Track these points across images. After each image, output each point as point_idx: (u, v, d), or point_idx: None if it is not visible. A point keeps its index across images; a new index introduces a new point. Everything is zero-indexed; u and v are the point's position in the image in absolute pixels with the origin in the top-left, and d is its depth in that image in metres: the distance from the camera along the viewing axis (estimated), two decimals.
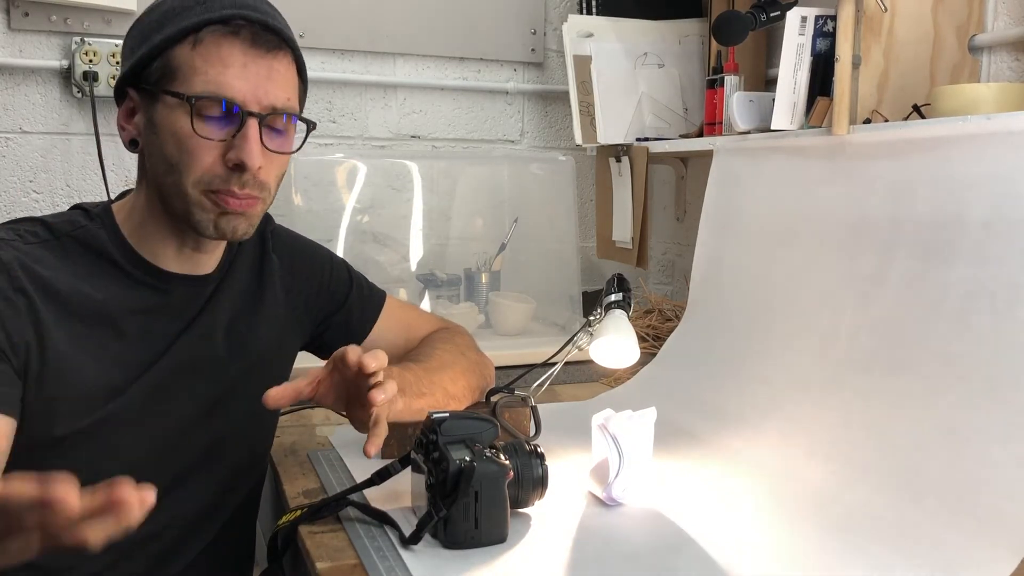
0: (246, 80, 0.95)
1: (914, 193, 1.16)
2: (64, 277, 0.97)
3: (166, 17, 0.97)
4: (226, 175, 0.96)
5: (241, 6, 0.97)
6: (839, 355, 1.20)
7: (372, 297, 1.28)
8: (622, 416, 1.03)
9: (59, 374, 0.94)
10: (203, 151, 0.96)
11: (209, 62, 0.94)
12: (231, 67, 0.95)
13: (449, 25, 1.96)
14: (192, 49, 0.95)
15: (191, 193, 0.97)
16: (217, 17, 0.95)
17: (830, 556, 0.92)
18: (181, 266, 1.05)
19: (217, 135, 0.95)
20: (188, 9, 0.96)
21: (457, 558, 0.89)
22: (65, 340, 0.95)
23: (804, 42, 1.35)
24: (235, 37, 0.95)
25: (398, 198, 1.84)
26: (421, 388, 1.11)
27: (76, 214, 1.04)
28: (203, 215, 0.98)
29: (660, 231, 2.14)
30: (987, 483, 0.94)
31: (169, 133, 0.96)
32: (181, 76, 0.95)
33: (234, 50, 0.95)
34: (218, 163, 0.96)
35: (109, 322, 0.99)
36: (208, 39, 0.95)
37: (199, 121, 0.95)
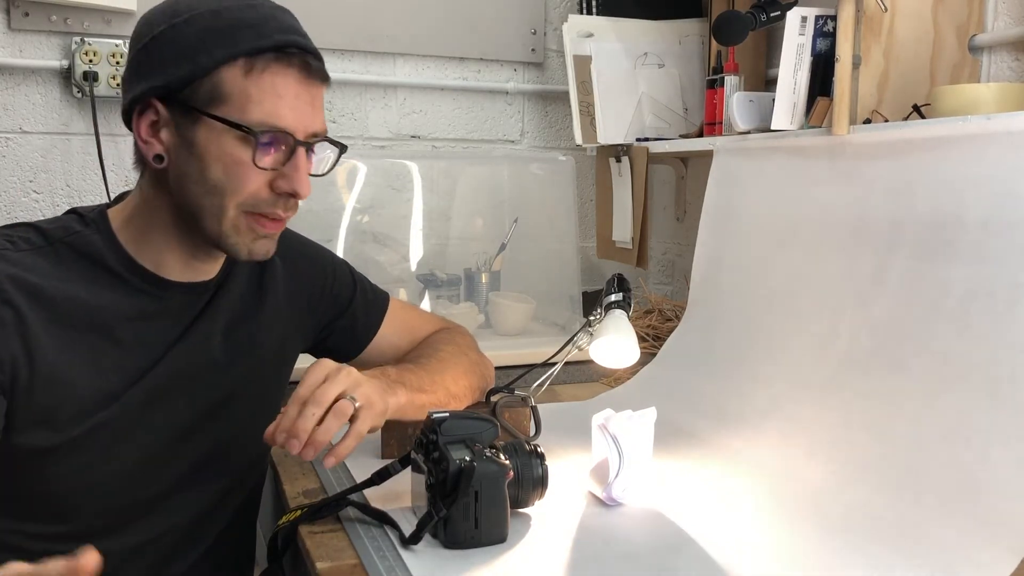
0: (297, 110, 0.96)
1: (914, 193, 1.16)
2: (57, 284, 0.95)
3: (210, 36, 0.94)
4: (272, 200, 0.98)
5: (289, 31, 0.97)
6: (839, 355, 1.20)
7: (376, 300, 1.28)
8: (622, 416, 1.03)
9: (50, 383, 0.93)
10: (254, 179, 0.96)
11: (264, 91, 0.94)
12: (284, 97, 0.95)
13: (449, 25, 1.96)
14: (245, 76, 0.94)
15: (231, 215, 0.97)
16: (271, 45, 0.94)
17: (830, 556, 0.92)
18: (183, 275, 1.04)
19: (271, 164, 0.96)
20: (236, 31, 0.94)
21: (457, 558, 0.89)
22: (56, 348, 0.93)
23: (804, 42, 1.35)
24: (289, 67, 0.95)
25: (398, 198, 1.84)
26: (423, 385, 1.11)
27: (70, 219, 1.02)
28: (238, 239, 0.99)
29: (660, 231, 2.14)
30: (987, 483, 0.94)
31: (215, 157, 0.95)
32: (233, 102, 0.94)
33: (288, 80, 0.96)
34: (264, 188, 0.97)
35: (104, 329, 0.98)
36: (264, 68, 0.94)
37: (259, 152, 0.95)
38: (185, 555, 1.09)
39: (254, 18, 0.95)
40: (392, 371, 1.09)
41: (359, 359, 1.26)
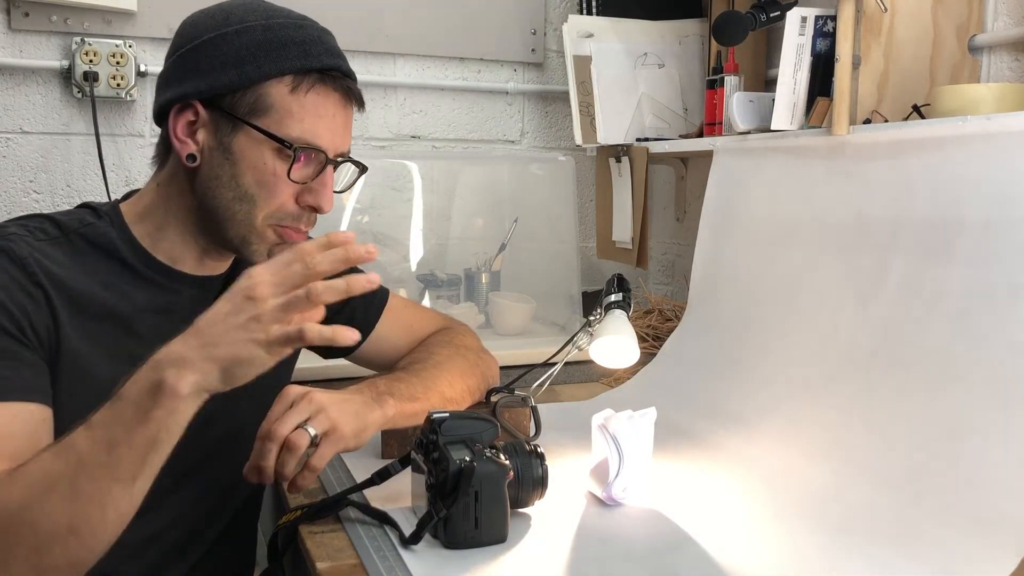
0: (332, 131, 1.01)
1: (914, 193, 1.16)
2: (75, 274, 0.98)
3: (260, 49, 0.98)
4: (297, 213, 1.02)
5: (334, 54, 1.02)
6: (839, 355, 1.20)
7: (375, 296, 1.28)
8: (622, 416, 1.03)
9: (72, 370, 0.95)
10: (283, 190, 1.00)
11: (306, 110, 0.99)
12: (323, 118, 1.00)
13: (449, 25, 1.96)
14: (290, 92, 0.98)
15: (259, 225, 1.01)
16: (318, 66, 0.99)
17: (830, 556, 0.92)
18: (196, 269, 1.06)
19: (303, 179, 1.00)
20: (285, 48, 0.98)
21: (457, 558, 0.89)
22: (77, 337, 0.96)
23: (804, 42, 1.35)
24: (331, 90, 1.01)
25: (398, 198, 1.84)
26: (414, 393, 1.10)
27: (84, 212, 1.04)
28: (261, 246, 1.02)
29: (660, 231, 2.14)
30: (987, 483, 0.94)
31: (250, 165, 0.99)
32: (275, 115, 0.98)
33: (328, 102, 1.00)
34: (291, 201, 1.01)
35: (121, 320, 1.00)
36: (309, 87, 0.99)
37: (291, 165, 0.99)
38: (188, 553, 1.09)
39: (303, 38, 1.00)
40: (381, 383, 1.09)
41: (356, 355, 1.27)
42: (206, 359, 0.79)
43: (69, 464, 0.78)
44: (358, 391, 1.04)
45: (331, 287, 0.80)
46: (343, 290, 0.81)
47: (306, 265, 0.80)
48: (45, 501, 0.78)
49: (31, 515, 0.78)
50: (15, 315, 0.91)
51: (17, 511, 0.78)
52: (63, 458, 0.79)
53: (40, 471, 0.79)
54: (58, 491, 0.78)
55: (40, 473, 0.79)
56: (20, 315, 0.91)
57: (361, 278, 0.82)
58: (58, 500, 0.78)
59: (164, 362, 0.80)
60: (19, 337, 0.91)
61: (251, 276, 0.81)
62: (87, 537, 0.79)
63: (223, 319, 0.80)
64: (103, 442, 0.79)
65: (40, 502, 0.78)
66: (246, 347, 0.79)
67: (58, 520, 0.78)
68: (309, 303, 0.79)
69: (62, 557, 0.79)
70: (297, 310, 0.80)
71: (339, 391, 1.03)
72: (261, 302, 0.79)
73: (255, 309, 0.79)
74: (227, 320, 0.80)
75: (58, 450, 0.80)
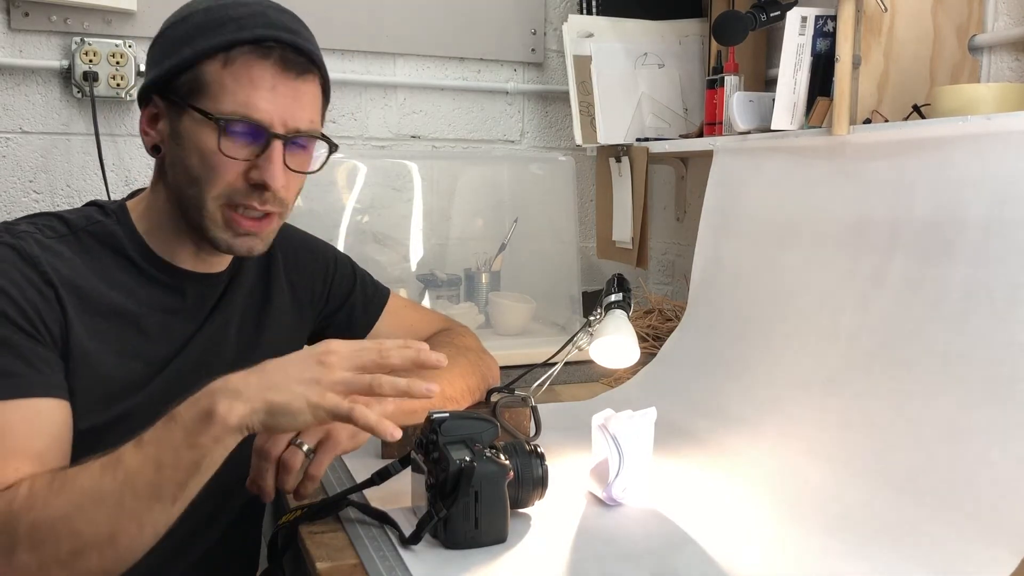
0: (274, 103, 0.97)
1: (914, 193, 1.16)
2: (84, 272, 0.98)
3: (198, 31, 0.97)
4: (247, 191, 0.99)
5: (274, 27, 0.98)
6: (839, 355, 1.20)
7: (376, 295, 1.28)
8: (622, 416, 1.03)
9: (81, 368, 0.95)
10: (226, 168, 0.98)
11: (239, 83, 0.96)
12: (260, 89, 0.96)
13: (449, 25, 1.96)
14: (223, 67, 0.96)
15: (210, 207, 0.99)
16: (249, 37, 0.96)
17: (830, 556, 0.92)
18: (196, 265, 1.06)
19: (242, 155, 0.97)
20: (221, 25, 0.97)
21: (457, 558, 0.89)
22: (86, 334, 0.96)
23: (804, 42, 1.35)
24: (265, 59, 0.97)
25: (398, 198, 1.84)
26: None
27: (92, 210, 1.05)
28: (218, 232, 1.00)
29: (660, 231, 2.14)
30: (987, 483, 0.94)
31: (194, 147, 0.98)
32: (210, 93, 0.96)
33: (264, 72, 0.97)
34: (240, 179, 0.98)
35: (129, 317, 1.01)
36: (239, 59, 0.96)
37: (226, 140, 0.96)
38: (188, 552, 1.09)
39: (241, 14, 0.98)
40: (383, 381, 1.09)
41: None
42: (259, 399, 0.83)
43: (116, 479, 0.82)
44: None
45: (392, 383, 0.86)
46: (402, 390, 0.86)
47: (380, 354, 0.87)
48: (90, 512, 0.81)
49: (75, 524, 0.81)
50: (28, 312, 0.92)
51: (62, 518, 0.81)
52: (111, 473, 0.82)
53: (88, 482, 0.82)
54: (104, 504, 0.81)
55: (88, 485, 0.82)
56: (32, 312, 0.92)
57: (421, 385, 0.88)
58: (103, 512, 0.81)
59: (220, 391, 0.84)
60: (33, 333, 0.92)
61: (328, 344, 0.88)
62: (123, 549, 0.83)
63: (289, 369, 0.86)
64: (151, 461, 0.82)
65: (85, 512, 0.81)
66: (298, 401, 0.83)
67: (100, 531, 0.81)
68: (369, 391, 0.85)
69: (97, 564, 0.82)
70: (355, 391, 0.86)
71: None
72: (329, 369, 0.85)
73: (321, 373, 0.85)
74: (292, 371, 0.85)
75: (107, 463, 0.83)
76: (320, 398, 0.83)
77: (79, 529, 0.81)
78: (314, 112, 1.02)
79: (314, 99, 1.02)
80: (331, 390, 0.84)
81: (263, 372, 0.86)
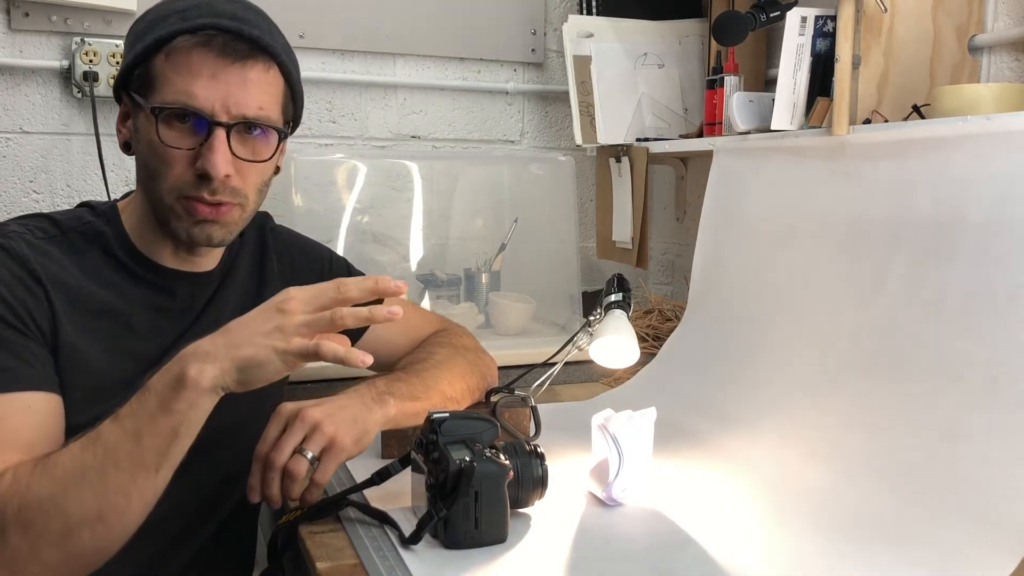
0: (214, 90, 0.96)
1: (914, 193, 1.16)
2: (73, 272, 0.99)
3: (148, 27, 0.99)
4: (196, 182, 0.99)
5: (217, 15, 0.97)
6: (839, 355, 1.20)
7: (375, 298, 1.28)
8: (622, 416, 1.03)
9: (71, 364, 0.96)
10: (173, 160, 0.98)
11: (179, 72, 0.96)
12: (199, 77, 0.96)
13: (449, 25, 1.96)
14: (166, 60, 0.97)
15: (167, 200, 1.00)
16: (189, 27, 0.96)
17: (830, 556, 0.92)
18: (180, 264, 1.07)
19: (185, 144, 0.97)
20: (165, 19, 0.98)
21: (457, 558, 0.89)
22: (75, 332, 0.97)
23: (804, 42, 1.35)
24: (206, 47, 0.96)
25: (398, 198, 1.84)
26: (415, 392, 1.10)
27: (83, 211, 1.06)
28: (178, 223, 1.01)
29: (660, 231, 2.14)
30: (987, 483, 0.94)
31: (147, 142, 0.99)
32: (156, 86, 0.97)
33: (204, 60, 0.96)
34: (188, 171, 0.98)
35: (118, 316, 1.01)
36: (179, 49, 0.96)
37: (165, 130, 0.97)
38: (183, 547, 1.09)
39: (187, 6, 0.98)
40: (381, 383, 1.09)
41: None
42: (227, 357, 0.84)
43: (97, 455, 0.83)
44: (357, 393, 1.04)
45: (354, 313, 0.85)
46: (364, 318, 0.86)
47: (337, 290, 0.86)
48: (75, 490, 0.82)
49: (61, 503, 0.82)
50: (17, 309, 0.93)
51: (48, 499, 0.82)
52: (91, 450, 0.83)
53: (70, 462, 0.83)
54: (87, 481, 0.82)
55: (70, 464, 0.83)
56: (22, 309, 0.93)
57: (383, 309, 0.87)
58: (87, 489, 0.82)
59: (189, 356, 0.85)
60: (23, 330, 0.93)
61: (287, 291, 0.88)
62: (114, 524, 0.84)
63: (251, 324, 0.86)
64: (130, 432, 0.83)
65: (70, 491, 0.82)
66: (265, 352, 0.84)
67: (87, 508, 0.82)
68: (332, 325, 0.85)
69: (90, 543, 0.84)
70: (320, 330, 0.85)
71: (336, 396, 1.03)
72: (290, 315, 0.85)
73: (282, 320, 0.85)
74: (255, 325, 0.85)
75: (86, 442, 0.84)
76: (286, 343, 0.84)
77: (65, 508, 0.82)
78: (266, 99, 1.00)
79: (265, 85, 1.00)
80: (295, 334, 0.85)
81: (228, 332, 0.87)
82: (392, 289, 0.88)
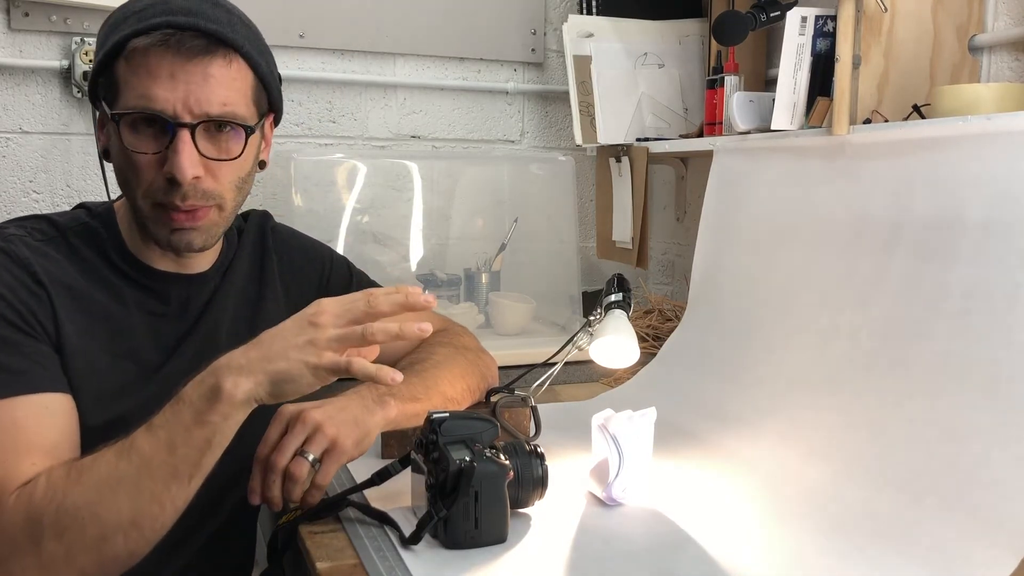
0: (174, 90, 0.94)
1: (914, 193, 1.16)
2: (72, 274, 0.99)
3: (110, 31, 0.97)
4: (167, 187, 0.97)
5: (171, 12, 0.95)
6: (839, 355, 1.20)
7: None
8: (622, 416, 1.03)
9: (75, 365, 0.96)
10: (144, 166, 0.97)
11: (137, 75, 0.94)
12: (158, 78, 0.94)
13: (449, 25, 1.96)
14: (126, 63, 0.95)
15: (143, 207, 0.99)
16: (144, 28, 0.93)
17: (830, 556, 0.92)
18: (171, 266, 1.07)
19: (150, 148, 0.95)
20: (124, 22, 0.96)
21: (457, 558, 0.89)
22: (77, 333, 0.97)
23: (804, 42, 1.35)
24: (162, 47, 0.93)
25: (398, 198, 1.84)
26: (415, 393, 1.10)
27: (79, 212, 1.06)
28: (157, 230, 1.00)
29: (660, 231, 2.14)
30: (987, 483, 0.94)
31: (118, 150, 0.98)
32: (119, 92, 0.96)
33: (162, 60, 0.94)
34: (158, 176, 0.97)
35: (117, 318, 1.01)
36: (136, 51, 0.94)
37: (130, 135, 0.95)
38: (183, 549, 1.08)
39: (143, 6, 0.96)
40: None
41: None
42: (261, 370, 0.85)
43: (132, 464, 0.84)
44: (357, 394, 1.04)
45: (384, 329, 0.86)
46: (395, 334, 0.86)
47: (368, 303, 0.86)
48: (111, 498, 0.83)
49: (98, 510, 0.83)
50: (22, 311, 0.93)
51: (84, 507, 0.83)
52: (126, 458, 0.84)
53: (105, 470, 0.84)
54: (123, 489, 0.83)
55: (105, 472, 0.84)
56: (27, 311, 0.93)
57: (414, 326, 0.87)
58: (123, 497, 0.83)
59: (224, 368, 0.85)
60: (31, 332, 0.93)
61: (319, 304, 0.89)
62: (146, 530, 0.85)
63: (284, 337, 0.87)
64: (164, 442, 0.84)
65: (106, 499, 0.83)
66: (297, 366, 0.85)
67: (122, 515, 0.83)
68: (363, 340, 0.85)
69: (123, 548, 0.85)
70: (351, 344, 0.86)
71: (336, 397, 1.03)
72: (321, 329, 0.86)
73: (314, 334, 0.86)
74: (287, 338, 0.86)
75: (121, 450, 0.85)
76: (318, 358, 0.85)
77: (101, 515, 0.83)
78: (230, 94, 0.97)
79: (229, 80, 0.97)
80: (327, 349, 0.85)
81: (260, 344, 0.87)
82: (422, 303, 0.89)
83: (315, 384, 0.87)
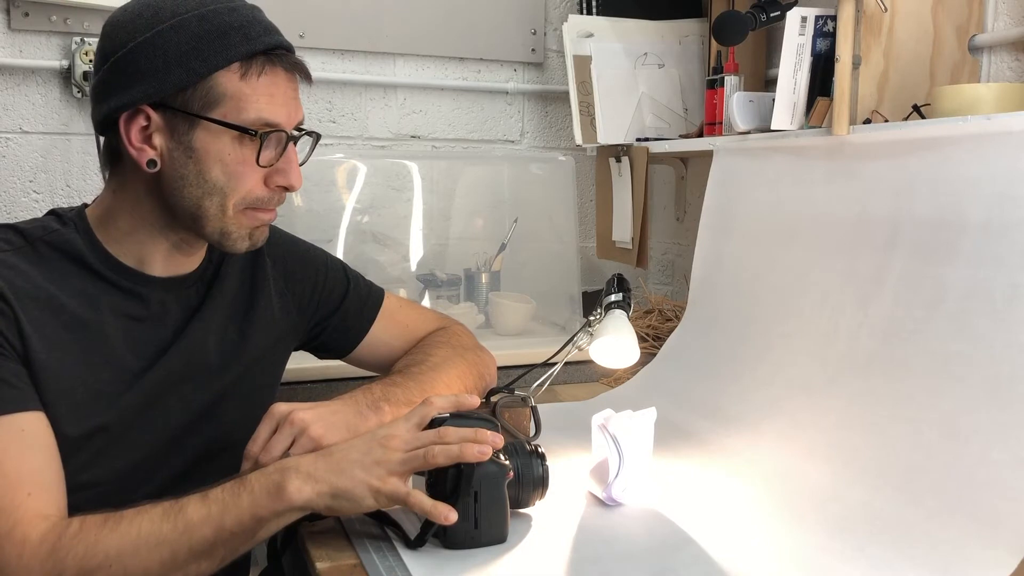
0: (287, 107, 1.00)
1: (914, 193, 1.16)
2: (41, 284, 0.96)
3: (202, 41, 0.95)
4: (268, 196, 1.02)
5: (272, 32, 1.01)
6: (839, 355, 1.20)
7: (370, 297, 1.27)
8: (622, 416, 1.03)
9: (43, 380, 0.93)
10: (251, 175, 1.00)
11: (259, 93, 0.98)
12: (276, 96, 0.99)
13: (449, 25, 1.96)
14: (241, 79, 0.97)
15: (232, 214, 1.00)
16: (262, 48, 0.98)
17: (830, 556, 0.92)
18: (165, 269, 1.04)
19: (269, 162, 1.00)
20: (225, 36, 0.96)
21: (457, 558, 0.89)
22: (45, 347, 0.94)
23: (804, 42, 1.35)
24: (278, 67, 0.99)
25: (398, 198, 1.84)
26: (411, 398, 1.09)
27: (49, 219, 1.02)
28: (239, 232, 1.02)
29: (660, 231, 2.14)
30: (987, 483, 0.94)
31: (215, 159, 0.97)
32: (230, 104, 0.96)
33: (278, 79, 0.99)
34: (259, 185, 1.01)
35: (90, 326, 0.98)
36: (258, 71, 0.98)
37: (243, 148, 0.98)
38: None
39: (239, 21, 0.98)
40: (377, 388, 1.09)
41: (352, 357, 1.27)
42: (326, 482, 0.88)
43: (176, 528, 0.86)
44: (352, 399, 1.04)
45: (445, 452, 0.90)
46: (455, 456, 0.90)
47: (439, 436, 0.91)
48: (145, 555, 0.85)
49: (128, 563, 0.85)
50: None
51: (115, 556, 0.84)
52: (172, 521, 0.86)
53: (148, 527, 0.86)
54: (159, 551, 0.85)
55: (147, 529, 0.86)
56: None
57: (474, 448, 0.90)
58: (157, 556, 0.85)
59: (292, 470, 0.88)
60: None
61: (393, 427, 0.94)
62: None
63: (354, 453, 0.90)
64: (214, 520, 0.86)
65: (140, 554, 0.85)
66: (361, 488, 0.89)
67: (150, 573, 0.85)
68: (425, 463, 0.90)
69: None
70: (414, 468, 0.91)
71: (331, 401, 1.02)
72: (392, 452, 0.90)
73: (383, 455, 0.90)
74: (356, 456, 0.90)
75: (168, 509, 0.87)
76: (381, 483, 0.89)
77: (130, 568, 0.84)
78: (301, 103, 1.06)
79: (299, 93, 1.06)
80: (392, 474, 0.89)
81: (330, 456, 0.91)
82: (489, 441, 0.91)
83: (372, 506, 0.90)
